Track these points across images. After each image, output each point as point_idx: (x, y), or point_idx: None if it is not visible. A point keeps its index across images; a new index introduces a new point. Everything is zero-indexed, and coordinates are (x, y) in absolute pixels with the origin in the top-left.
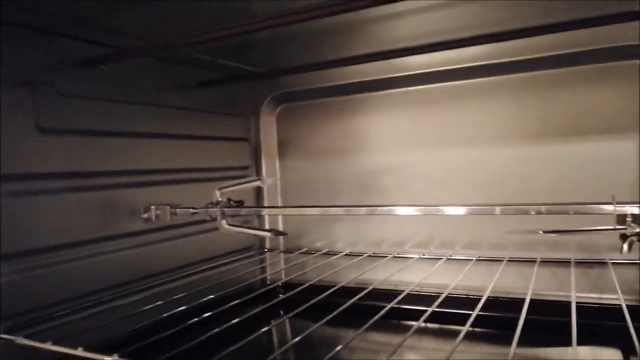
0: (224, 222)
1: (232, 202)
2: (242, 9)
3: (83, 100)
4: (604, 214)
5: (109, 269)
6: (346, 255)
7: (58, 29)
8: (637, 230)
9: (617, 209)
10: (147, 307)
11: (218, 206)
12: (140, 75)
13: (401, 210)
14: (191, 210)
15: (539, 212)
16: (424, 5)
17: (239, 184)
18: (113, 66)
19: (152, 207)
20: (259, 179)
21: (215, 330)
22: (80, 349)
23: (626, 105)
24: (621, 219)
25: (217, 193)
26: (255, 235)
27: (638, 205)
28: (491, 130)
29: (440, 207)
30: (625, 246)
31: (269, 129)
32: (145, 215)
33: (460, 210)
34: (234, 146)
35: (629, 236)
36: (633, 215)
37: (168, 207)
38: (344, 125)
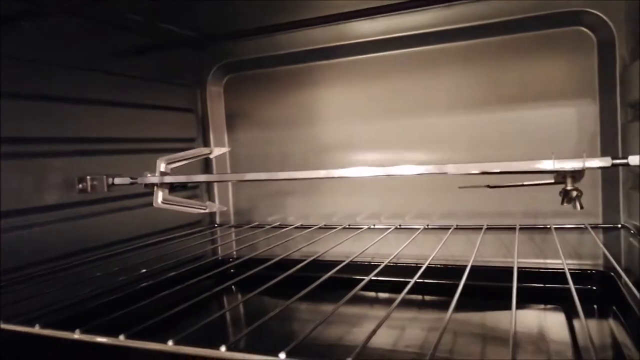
0: (160, 195)
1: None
2: None
3: (14, 61)
4: (547, 172)
5: (43, 241)
6: (297, 227)
7: None
8: (576, 185)
9: (556, 165)
10: (80, 280)
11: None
12: (79, 39)
13: (353, 172)
14: (129, 179)
15: (485, 171)
16: None
17: (187, 157)
18: (49, 27)
19: (88, 177)
20: (209, 150)
21: (157, 295)
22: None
23: (569, 72)
24: (561, 175)
25: (162, 164)
26: (191, 212)
27: (575, 161)
28: (441, 97)
29: (389, 168)
30: (578, 204)
31: (216, 100)
32: (81, 186)
33: (412, 170)
34: (179, 117)
35: (569, 190)
36: (572, 171)
37: (105, 177)
38: (294, 96)
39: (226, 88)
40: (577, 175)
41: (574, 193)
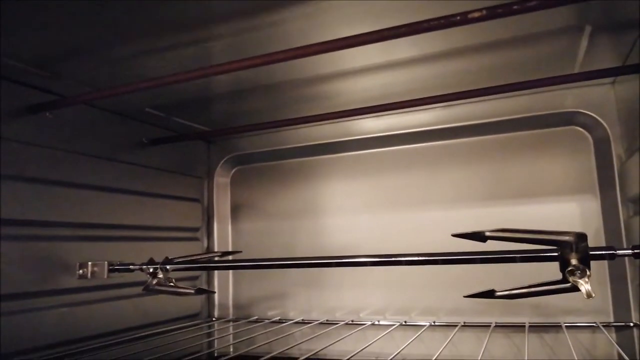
0: (154, 282)
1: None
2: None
3: (30, 147)
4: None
5: (40, 328)
6: (297, 323)
7: (8, 74)
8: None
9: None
10: None
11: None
12: (95, 128)
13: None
14: (131, 266)
15: (486, 261)
16: (374, 64)
17: (197, 259)
18: (65, 116)
19: (89, 263)
20: (219, 252)
21: None
22: None
23: (569, 168)
24: (564, 264)
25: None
26: (178, 295)
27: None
28: (443, 192)
29: (393, 257)
30: (584, 288)
31: (222, 191)
32: (81, 272)
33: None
34: (186, 206)
35: (577, 266)
36: (577, 259)
37: (106, 263)
38: (299, 189)
39: (233, 179)
40: (579, 248)
41: (579, 271)
